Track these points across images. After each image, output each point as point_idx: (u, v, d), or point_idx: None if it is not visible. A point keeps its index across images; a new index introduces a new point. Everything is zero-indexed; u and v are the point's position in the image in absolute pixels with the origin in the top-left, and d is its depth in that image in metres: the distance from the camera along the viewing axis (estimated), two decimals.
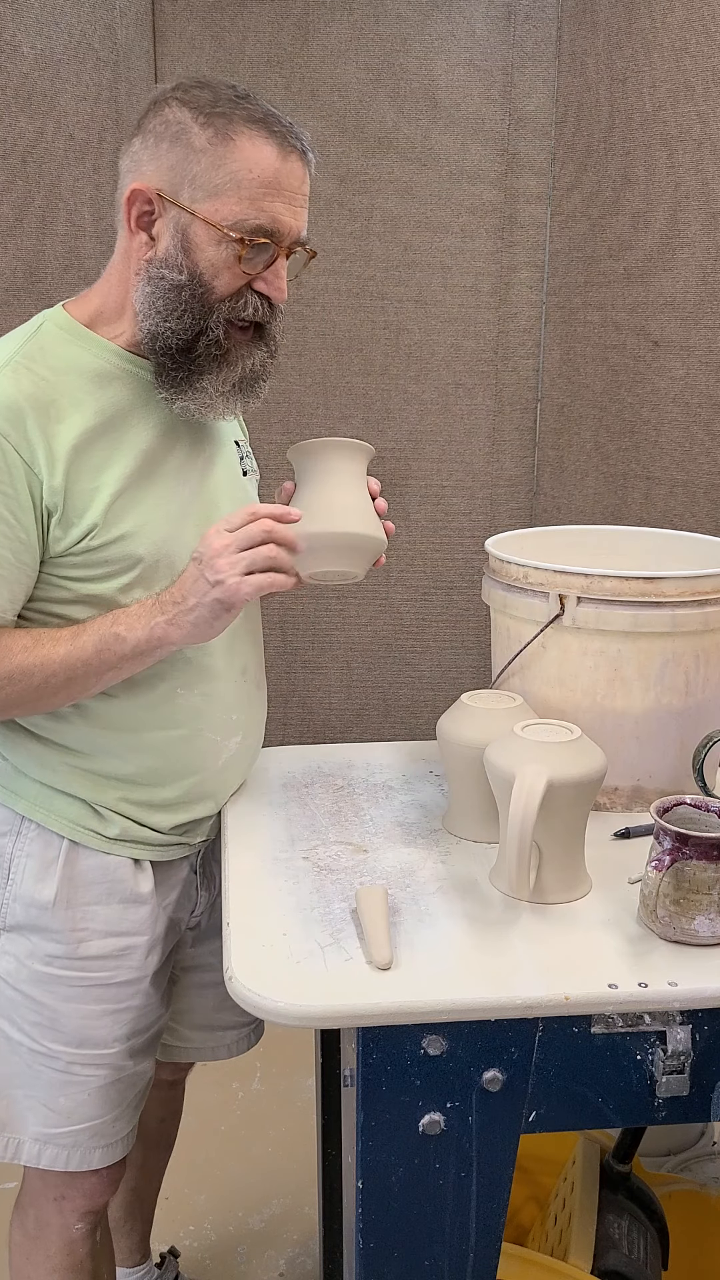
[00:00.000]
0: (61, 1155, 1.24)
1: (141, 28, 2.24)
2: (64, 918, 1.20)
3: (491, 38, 2.33)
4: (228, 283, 1.09)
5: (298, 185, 1.09)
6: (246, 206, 1.06)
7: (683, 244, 2.18)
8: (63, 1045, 1.22)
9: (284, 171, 1.07)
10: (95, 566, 1.11)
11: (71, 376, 1.11)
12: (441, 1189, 0.97)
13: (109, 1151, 1.26)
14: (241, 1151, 2.06)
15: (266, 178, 1.06)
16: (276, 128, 1.07)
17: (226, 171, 1.06)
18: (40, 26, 2.06)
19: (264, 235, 1.07)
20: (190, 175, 1.07)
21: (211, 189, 1.06)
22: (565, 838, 1.04)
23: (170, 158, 1.07)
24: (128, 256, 1.13)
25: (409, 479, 2.57)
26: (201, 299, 1.09)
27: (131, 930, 1.23)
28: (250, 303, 1.11)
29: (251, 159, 1.06)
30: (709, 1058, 0.95)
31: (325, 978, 0.94)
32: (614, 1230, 1.34)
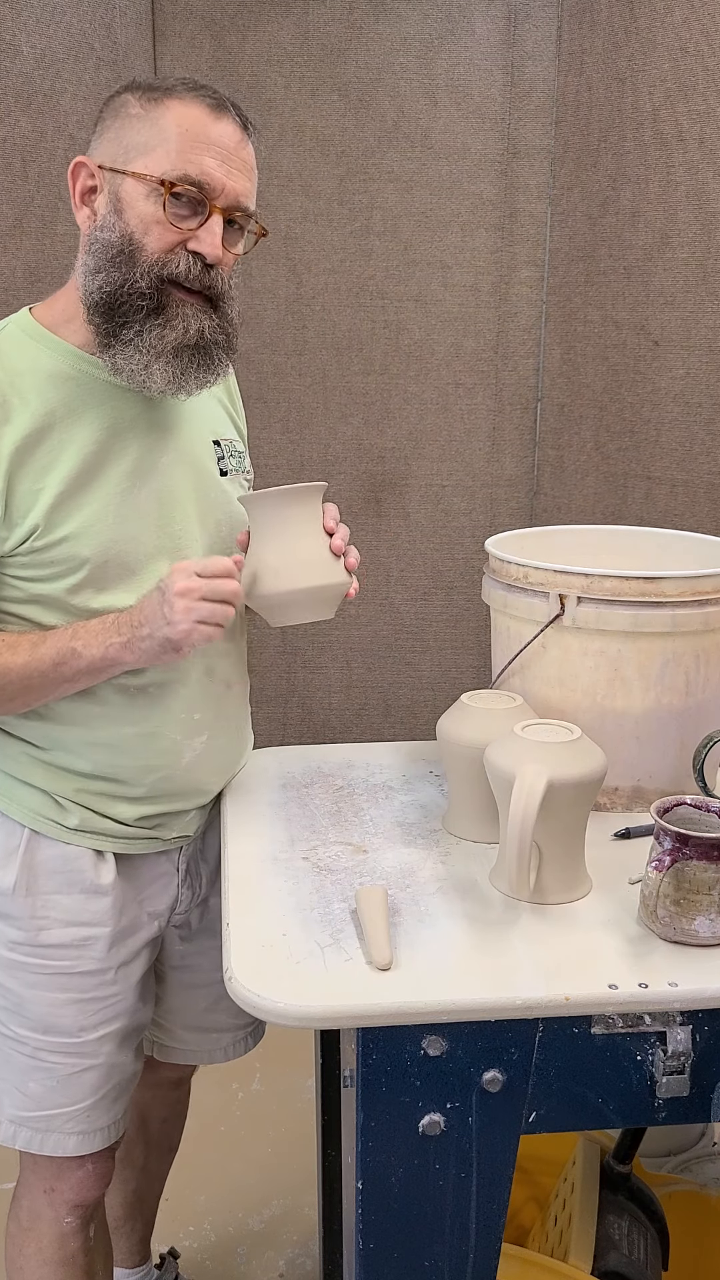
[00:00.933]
0: (36, 1138, 1.25)
1: (141, 27, 2.24)
2: (24, 905, 1.21)
3: (491, 37, 2.33)
4: (158, 237, 1.08)
5: (232, 146, 1.09)
6: (174, 158, 1.07)
7: (683, 244, 2.18)
8: (29, 1031, 1.23)
9: (216, 130, 1.08)
10: (42, 567, 1.12)
11: (27, 378, 1.12)
12: (441, 1189, 0.97)
13: (85, 1140, 1.27)
14: (241, 1152, 2.06)
15: (195, 131, 1.07)
16: (213, 96, 1.09)
17: (157, 129, 1.08)
18: (40, 26, 2.06)
19: (191, 184, 1.07)
20: (125, 142, 1.09)
21: (142, 148, 1.08)
22: (565, 838, 1.04)
23: (110, 132, 1.11)
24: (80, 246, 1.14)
25: (409, 479, 2.57)
26: (131, 255, 1.09)
27: (92, 921, 1.23)
28: (181, 259, 1.09)
29: (182, 115, 1.08)
30: (709, 1058, 0.95)
31: (325, 978, 0.94)
32: (614, 1231, 1.34)
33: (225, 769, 1.32)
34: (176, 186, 1.07)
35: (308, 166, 2.34)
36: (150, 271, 1.09)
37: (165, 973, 1.39)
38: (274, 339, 2.42)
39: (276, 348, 2.42)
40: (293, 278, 2.39)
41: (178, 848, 1.31)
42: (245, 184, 1.11)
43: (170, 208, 1.07)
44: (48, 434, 1.11)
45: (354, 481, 2.56)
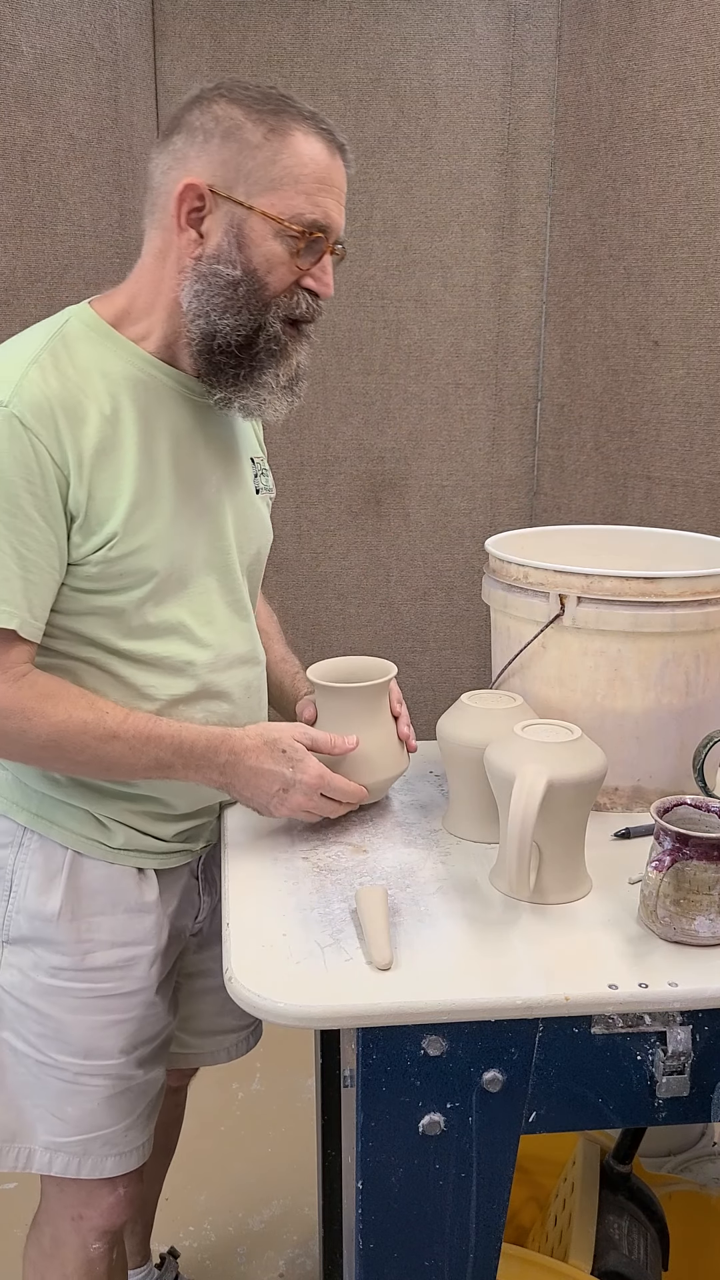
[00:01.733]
0: (73, 1163, 1.23)
1: (141, 27, 2.24)
2: (69, 929, 1.18)
3: (491, 37, 2.33)
4: (280, 278, 1.09)
5: (342, 183, 1.11)
6: (303, 201, 1.07)
7: (683, 244, 2.18)
8: (69, 1056, 1.20)
9: (333, 168, 1.09)
10: (111, 579, 1.10)
11: (95, 378, 1.09)
12: (441, 1189, 0.97)
13: (122, 1160, 1.25)
14: (241, 1151, 2.06)
15: (320, 173, 1.07)
16: (323, 126, 1.09)
17: (282, 166, 1.06)
18: (40, 26, 2.06)
19: (319, 230, 1.08)
20: (245, 170, 1.06)
21: (268, 183, 1.06)
22: (565, 838, 1.04)
23: (223, 153, 1.06)
24: (165, 255, 1.11)
25: (409, 479, 2.57)
26: (257, 294, 1.08)
27: (137, 940, 1.22)
28: (302, 299, 1.11)
29: (306, 154, 1.06)
30: (709, 1058, 0.95)
31: (325, 978, 0.94)
32: (614, 1231, 1.34)
33: None
34: (313, 234, 1.08)
35: None
36: (279, 314, 1.10)
37: (181, 982, 1.38)
38: None
39: None
40: None
41: (199, 857, 1.31)
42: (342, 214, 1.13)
43: (299, 254, 1.08)
44: (119, 439, 1.09)
45: (354, 481, 2.56)
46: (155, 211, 1.11)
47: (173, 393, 1.14)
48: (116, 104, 2.22)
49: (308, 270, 1.10)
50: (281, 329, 1.11)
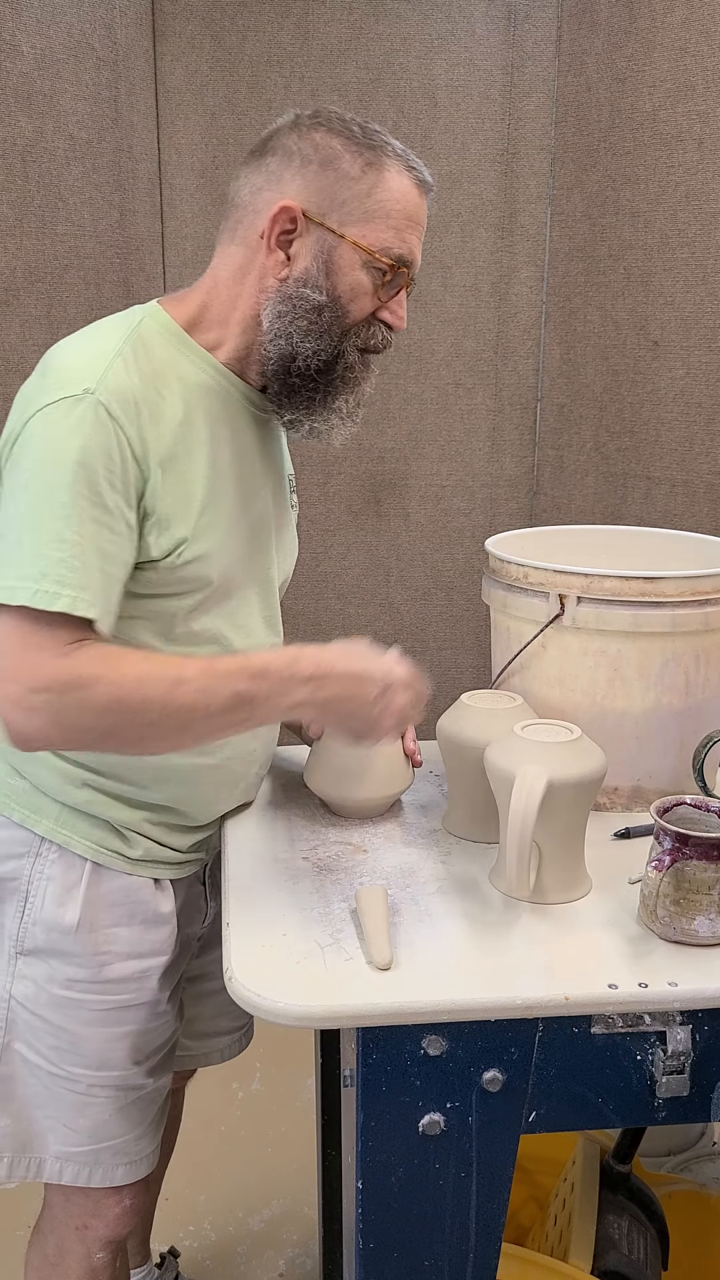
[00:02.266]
0: (84, 1172, 1.22)
1: (141, 27, 2.24)
2: (87, 941, 1.17)
3: (491, 37, 2.33)
4: (361, 308, 1.11)
5: (424, 221, 1.14)
6: (392, 235, 1.09)
7: (683, 244, 2.18)
8: (82, 1069, 1.19)
9: (421, 207, 1.12)
10: (169, 585, 1.09)
11: (171, 380, 1.09)
12: (441, 1189, 0.97)
13: (132, 1169, 1.25)
14: (241, 1151, 2.06)
15: (409, 210, 1.10)
16: (414, 164, 1.12)
17: (377, 200, 1.08)
18: (40, 26, 2.06)
19: (404, 264, 1.11)
20: (340, 199, 1.08)
21: (362, 214, 1.08)
22: (565, 838, 1.04)
23: (320, 180, 1.08)
24: (246, 271, 1.12)
25: (409, 479, 2.57)
26: (339, 321, 1.10)
27: (152, 951, 1.21)
28: (378, 330, 1.14)
29: (399, 191, 1.09)
30: (709, 1058, 0.95)
31: (325, 978, 0.94)
32: (614, 1230, 1.34)
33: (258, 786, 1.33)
34: (400, 268, 1.10)
35: None
36: (356, 343, 1.13)
37: (184, 985, 1.38)
38: None
39: None
40: None
41: (205, 863, 1.31)
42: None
43: (383, 286, 1.11)
44: (191, 443, 1.09)
45: (354, 481, 2.56)
46: (239, 228, 1.12)
47: (239, 405, 1.15)
48: (116, 104, 2.22)
49: (385, 303, 1.12)
50: (357, 358, 1.13)
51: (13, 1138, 1.21)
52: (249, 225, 1.11)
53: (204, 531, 1.09)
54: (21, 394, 1.06)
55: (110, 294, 2.26)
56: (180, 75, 2.29)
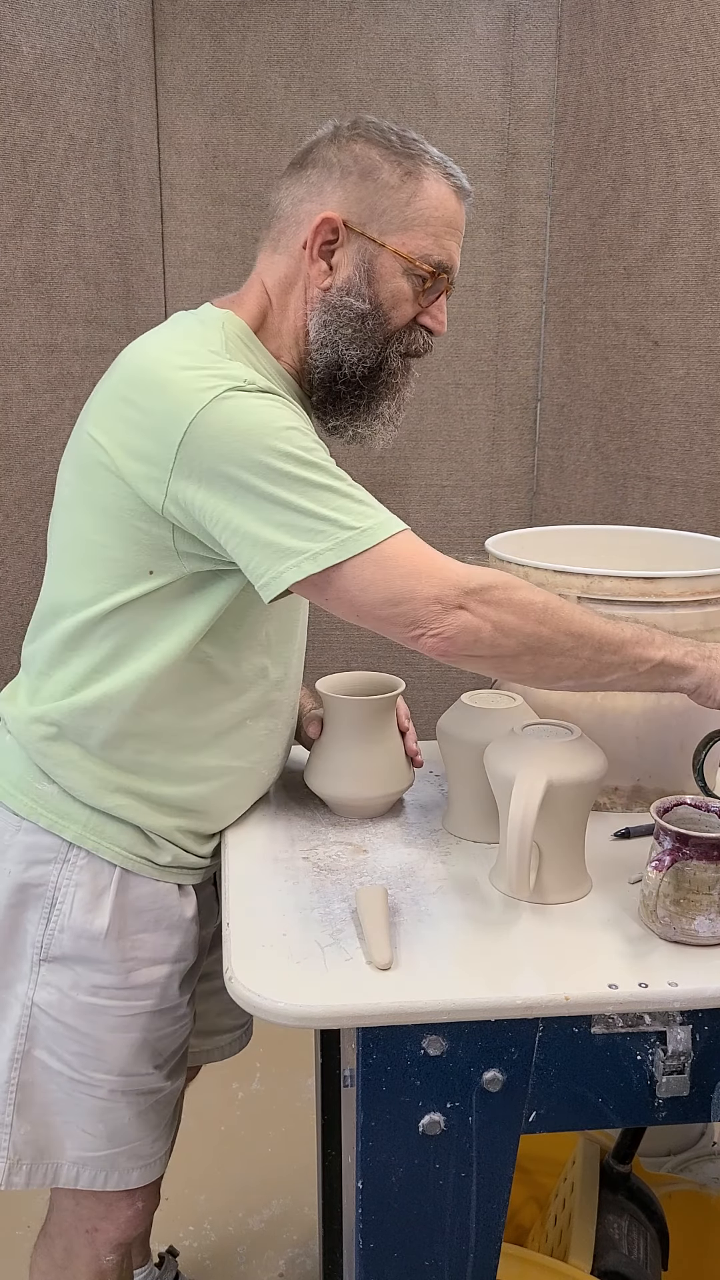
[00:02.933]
0: (100, 1176, 1.22)
1: (141, 28, 2.24)
2: (115, 948, 1.17)
3: (491, 38, 2.33)
4: (403, 314, 1.13)
5: (463, 226, 1.16)
6: (431, 242, 1.11)
7: (683, 244, 2.18)
8: (105, 1074, 1.19)
9: (459, 213, 1.14)
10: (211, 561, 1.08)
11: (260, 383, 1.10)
12: (441, 1189, 0.97)
13: (147, 1170, 1.25)
14: (241, 1151, 2.06)
15: (448, 217, 1.12)
16: (452, 171, 1.13)
17: (416, 208, 1.10)
18: (40, 26, 2.06)
19: (444, 270, 1.13)
20: (380, 209, 1.10)
21: (402, 223, 1.10)
22: (565, 838, 1.04)
23: (359, 191, 1.10)
24: (292, 283, 1.14)
25: (409, 479, 2.57)
26: (382, 328, 1.13)
27: (175, 956, 1.21)
28: (419, 336, 1.16)
29: (437, 198, 1.11)
30: (709, 1058, 0.95)
31: (325, 978, 0.94)
32: (614, 1230, 1.34)
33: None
34: (440, 275, 1.12)
35: None
36: (398, 349, 1.15)
37: None
38: None
39: None
40: None
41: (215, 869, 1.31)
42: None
43: (423, 292, 1.13)
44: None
45: None
46: (282, 238, 1.14)
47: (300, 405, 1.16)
48: (116, 104, 2.22)
49: (426, 308, 1.14)
50: (400, 363, 1.15)
51: (31, 1144, 1.20)
52: (292, 236, 1.13)
53: None
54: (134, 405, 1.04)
55: (110, 294, 2.26)
56: (180, 75, 2.29)
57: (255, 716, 1.19)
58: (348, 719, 1.21)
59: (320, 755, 1.24)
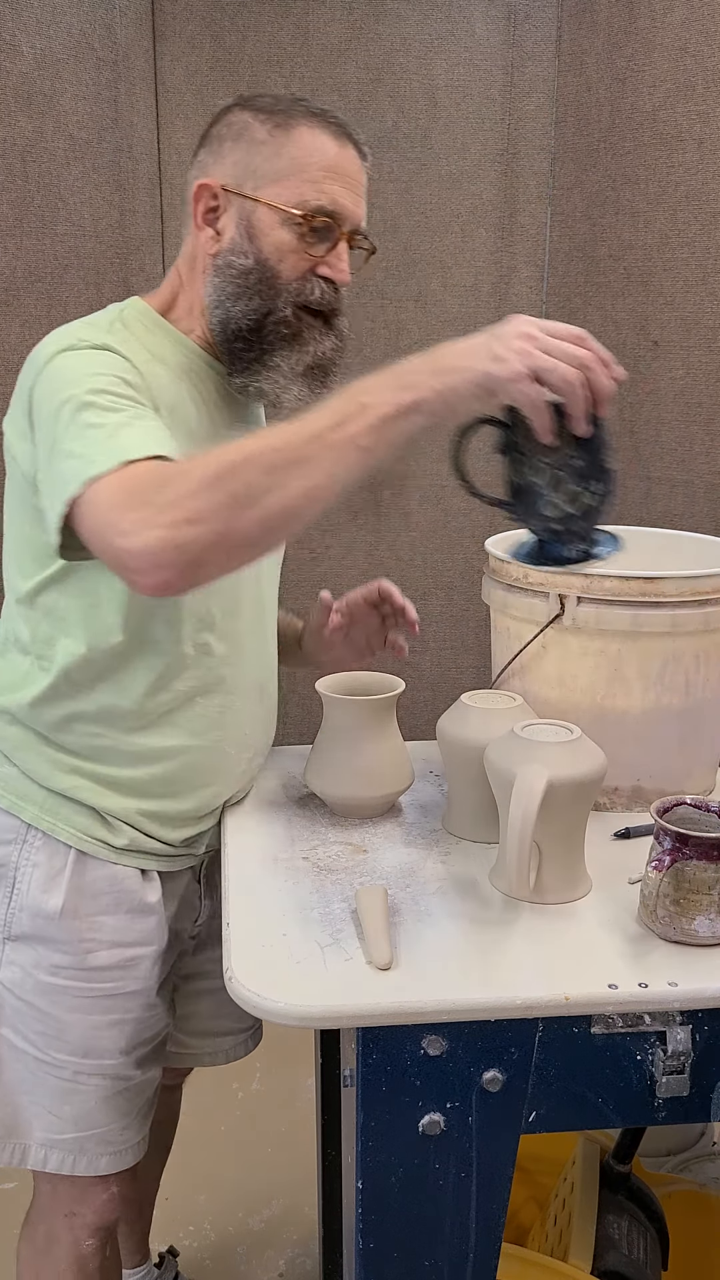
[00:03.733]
0: (68, 1160, 1.23)
1: (141, 27, 2.24)
2: (71, 928, 1.18)
3: (491, 38, 2.33)
4: (293, 265, 1.11)
5: (355, 173, 1.12)
6: (308, 188, 1.09)
7: (683, 244, 2.18)
8: (68, 1055, 1.21)
9: (342, 157, 1.11)
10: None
11: (155, 365, 1.12)
12: (441, 1189, 0.97)
13: (117, 1159, 1.25)
14: (241, 1151, 2.06)
15: (326, 162, 1.10)
16: (333, 120, 1.12)
17: (287, 157, 1.09)
18: (40, 26, 2.06)
19: (325, 215, 1.10)
20: (253, 167, 1.10)
21: (274, 175, 1.10)
22: (565, 838, 1.04)
23: (234, 154, 1.11)
24: (194, 257, 1.15)
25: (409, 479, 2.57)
26: (269, 282, 1.11)
27: (139, 941, 1.22)
28: (315, 286, 1.13)
29: (310, 145, 1.10)
30: (709, 1058, 0.95)
31: (325, 978, 0.94)
32: (614, 1230, 1.34)
33: (252, 779, 1.33)
34: (314, 219, 1.10)
35: None
36: (290, 299, 1.12)
37: (179, 983, 1.38)
38: None
39: None
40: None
41: (201, 861, 1.31)
42: (363, 207, 1.15)
43: (306, 239, 1.11)
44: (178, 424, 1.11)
45: None
46: (186, 223, 1.16)
47: (220, 385, 1.17)
48: (116, 104, 2.22)
49: (322, 258, 1.12)
50: (293, 313, 1.13)
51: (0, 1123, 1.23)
52: (188, 216, 1.15)
53: None
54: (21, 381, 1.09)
55: (110, 294, 2.26)
56: (180, 75, 2.29)
57: (205, 694, 1.18)
58: (348, 719, 1.21)
59: (320, 755, 1.24)
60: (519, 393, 0.90)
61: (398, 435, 0.91)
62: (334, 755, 1.22)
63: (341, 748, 1.22)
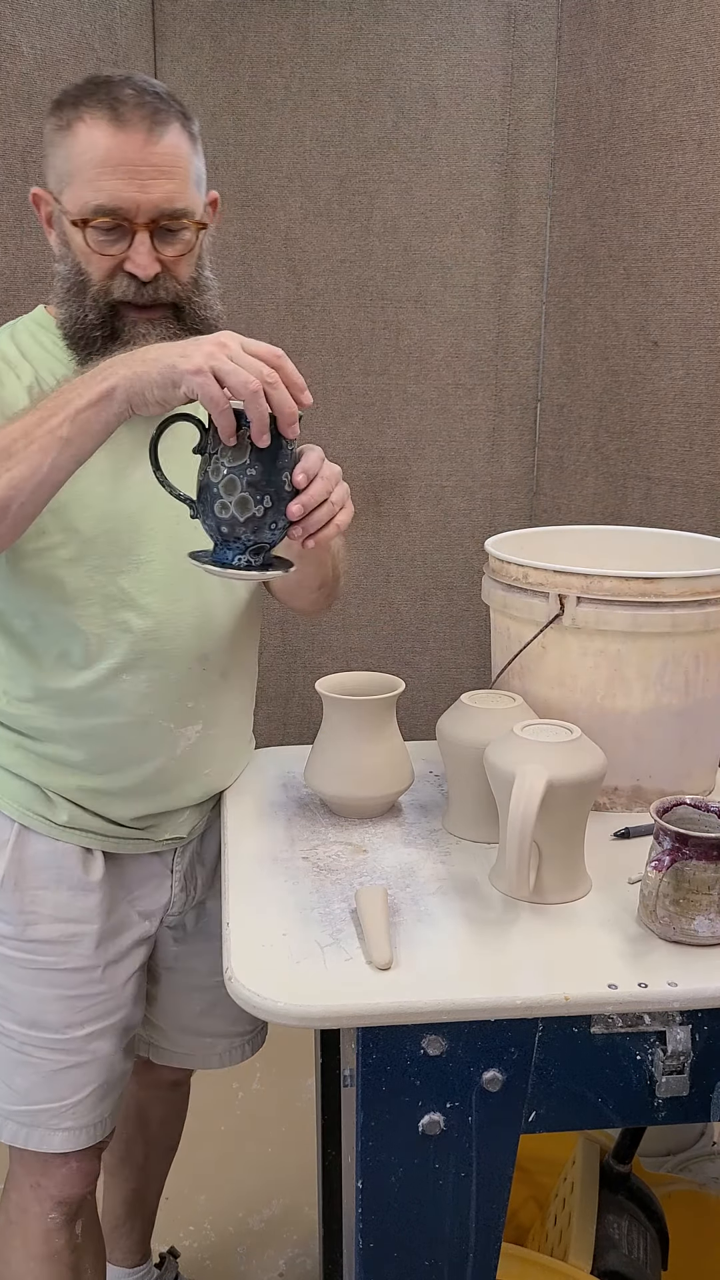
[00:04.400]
0: (20, 1133, 1.26)
1: (141, 28, 2.24)
2: (13, 899, 1.21)
3: (491, 38, 2.33)
4: (99, 266, 1.10)
5: (141, 156, 1.07)
6: (86, 189, 1.07)
7: (683, 244, 2.18)
8: (15, 1025, 1.24)
9: (119, 145, 1.06)
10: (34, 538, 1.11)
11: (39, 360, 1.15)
12: (441, 1189, 0.97)
13: (70, 1136, 1.26)
14: (241, 1151, 2.06)
15: (99, 156, 1.07)
16: (118, 103, 1.06)
17: (71, 160, 1.09)
18: (40, 26, 2.06)
19: (104, 214, 1.08)
20: (56, 172, 1.12)
21: (65, 178, 1.10)
22: (565, 838, 1.04)
23: (46, 163, 1.14)
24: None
25: (409, 479, 2.57)
26: (82, 286, 1.11)
27: (79, 918, 1.24)
28: (119, 282, 1.11)
29: (85, 142, 1.07)
30: (709, 1058, 0.95)
31: (325, 978, 0.94)
32: (614, 1230, 1.34)
33: (224, 768, 1.32)
34: (92, 221, 1.08)
35: (308, 167, 2.34)
36: (97, 301, 1.11)
37: (160, 974, 1.39)
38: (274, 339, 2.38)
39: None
40: (293, 278, 2.39)
41: (171, 849, 1.31)
42: (166, 186, 1.09)
43: (93, 241, 1.09)
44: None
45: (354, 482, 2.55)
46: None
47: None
48: None
49: (123, 255, 1.10)
50: (103, 315, 1.11)
51: None
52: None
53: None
54: None
55: None
56: (180, 75, 2.29)
57: (130, 670, 1.18)
58: (348, 719, 1.21)
59: (320, 755, 1.24)
60: (198, 385, 0.94)
61: (97, 424, 0.98)
62: (334, 755, 1.22)
63: (341, 748, 1.22)
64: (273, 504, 1.02)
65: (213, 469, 1.01)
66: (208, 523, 1.03)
